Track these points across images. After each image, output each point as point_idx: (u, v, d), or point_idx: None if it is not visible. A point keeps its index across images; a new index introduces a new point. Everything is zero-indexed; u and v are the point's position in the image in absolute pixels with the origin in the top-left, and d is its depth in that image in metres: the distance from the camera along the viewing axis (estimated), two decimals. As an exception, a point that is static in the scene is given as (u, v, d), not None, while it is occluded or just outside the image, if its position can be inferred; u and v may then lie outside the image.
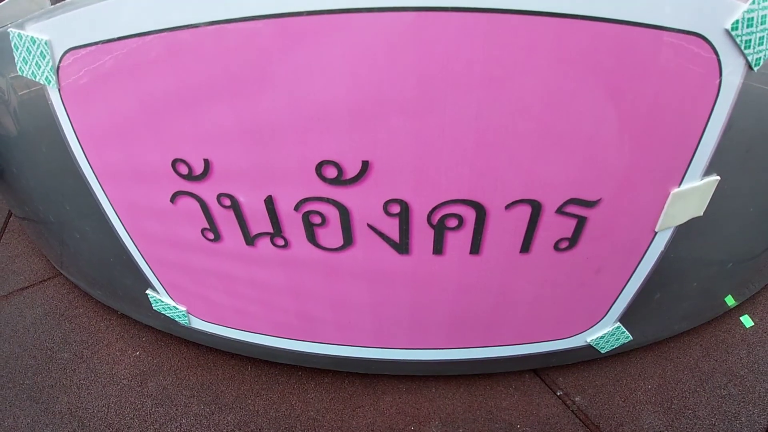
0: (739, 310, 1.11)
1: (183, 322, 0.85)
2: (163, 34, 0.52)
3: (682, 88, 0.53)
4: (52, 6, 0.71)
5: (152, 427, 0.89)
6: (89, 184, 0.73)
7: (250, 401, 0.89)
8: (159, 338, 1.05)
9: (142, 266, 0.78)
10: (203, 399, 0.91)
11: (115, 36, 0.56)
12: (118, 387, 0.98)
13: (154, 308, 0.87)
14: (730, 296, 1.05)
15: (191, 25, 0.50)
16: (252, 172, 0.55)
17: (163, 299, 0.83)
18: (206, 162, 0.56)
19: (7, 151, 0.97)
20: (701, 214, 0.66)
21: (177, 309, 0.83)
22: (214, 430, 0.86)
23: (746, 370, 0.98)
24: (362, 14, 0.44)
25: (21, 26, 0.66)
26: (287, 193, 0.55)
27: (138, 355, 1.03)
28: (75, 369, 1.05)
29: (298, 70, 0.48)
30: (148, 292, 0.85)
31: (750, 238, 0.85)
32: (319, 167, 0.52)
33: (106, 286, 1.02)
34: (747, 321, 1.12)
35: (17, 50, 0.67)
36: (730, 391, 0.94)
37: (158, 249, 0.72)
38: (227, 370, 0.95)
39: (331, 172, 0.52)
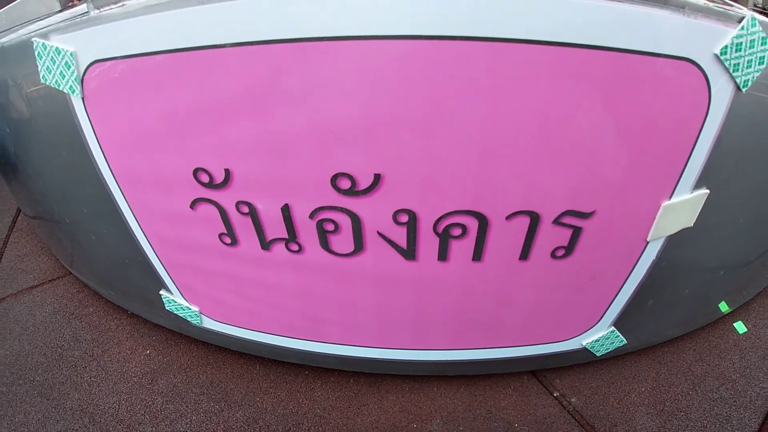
0: (732, 316, 1.17)
1: (195, 322, 0.90)
2: (189, 52, 0.57)
3: (672, 109, 0.58)
4: (78, 19, 0.74)
5: (163, 423, 0.94)
6: (109, 189, 0.77)
7: (258, 399, 0.94)
8: (169, 337, 1.10)
9: (157, 268, 0.83)
10: (213, 396, 0.96)
11: (142, 51, 0.61)
12: (129, 384, 1.03)
13: (166, 308, 0.92)
14: (723, 302, 1.11)
15: (217, 45, 0.55)
16: (271, 182, 0.60)
17: (176, 300, 0.88)
18: (227, 171, 0.61)
19: (24, 153, 1.01)
20: (692, 224, 0.71)
21: (190, 309, 0.87)
22: (224, 426, 0.91)
23: (738, 375, 1.03)
24: (377, 41, 0.49)
25: (45, 36, 0.70)
26: (303, 202, 0.60)
27: (148, 354, 1.08)
28: (86, 366, 1.10)
29: (317, 90, 0.53)
30: (161, 292, 0.89)
31: (740, 247, 0.90)
32: (334, 179, 0.57)
33: (119, 286, 1.07)
34: (740, 327, 1.17)
35: (41, 59, 0.71)
36: (722, 394, 1.00)
37: (175, 252, 0.77)
38: (236, 368, 1.00)
39: (345, 184, 0.58)
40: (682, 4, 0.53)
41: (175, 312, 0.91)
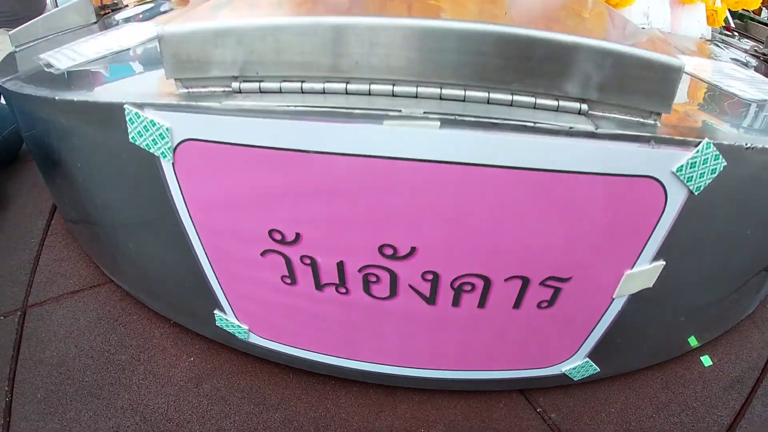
0: (700, 350, 1.49)
1: (242, 337, 1.20)
2: (280, 151, 0.83)
3: (634, 210, 0.86)
4: (175, 98, 0.87)
5: (209, 423, 1.22)
6: (186, 232, 1.03)
7: (292, 403, 1.26)
8: (211, 346, 1.39)
9: (217, 293, 1.12)
10: (253, 400, 1.26)
11: (237, 142, 0.84)
12: (176, 387, 1.30)
13: (216, 324, 1.21)
14: (693, 337, 1.43)
15: (302, 150, 0.82)
16: (332, 246, 0.90)
17: (228, 319, 1.17)
18: (297, 234, 0.90)
19: (94, 186, 1.26)
20: (651, 285, 1.01)
21: (240, 327, 1.17)
22: (263, 426, 1.21)
23: (699, 403, 1.35)
24: (423, 163, 0.77)
25: (139, 107, 0.85)
26: (355, 260, 0.91)
27: (192, 361, 1.37)
28: (133, 370, 1.36)
29: (377, 191, 0.82)
30: (215, 312, 1.18)
31: (696, 300, 1.21)
32: (381, 247, 0.88)
33: (169, 301, 1.36)
34: (706, 360, 1.49)
35: (132, 124, 0.87)
36: (682, 419, 1.31)
37: (238, 284, 1.07)
38: (272, 376, 1.31)
39: (388, 251, 0.88)
40: (648, 139, 0.77)
41: (225, 328, 1.21)
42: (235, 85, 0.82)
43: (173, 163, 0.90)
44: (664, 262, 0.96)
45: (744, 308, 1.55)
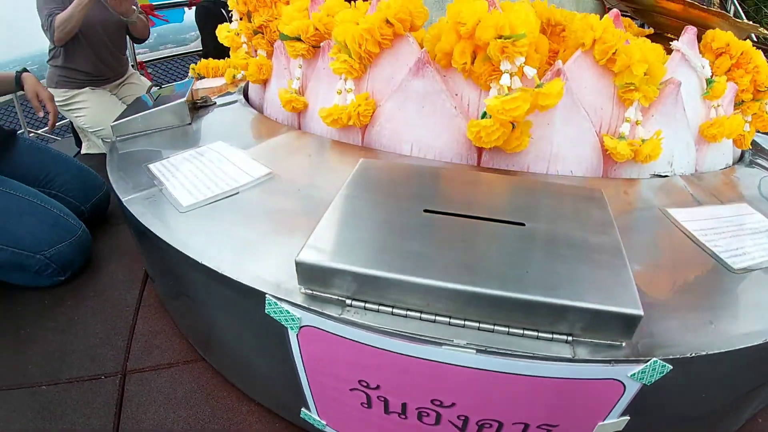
0: None
1: (320, 427, 2.05)
2: (373, 347, 1.61)
3: (600, 393, 1.62)
4: (302, 296, 1.75)
5: (291, 487, 2.10)
6: (295, 364, 1.83)
7: (353, 476, 2.12)
8: (288, 426, 2.20)
9: (308, 399, 1.95)
10: (323, 471, 2.14)
11: (345, 336, 1.55)
12: None
13: (300, 416, 2.08)
14: None
15: (390, 351, 1.60)
16: (400, 394, 1.67)
17: (312, 415, 2.03)
18: (378, 385, 1.70)
19: (212, 310, 2.11)
20: (621, 429, 1.81)
21: (320, 421, 2.03)
22: (332, 490, 2.09)
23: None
24: (464, 368, 1.57)
25: (278, 299, 1.49)
26: (414, 404, 1.66)
27: None
28: None
29: (434, 375, 1.60)
30: (302, 408, 2.05)
31: (672, 427, 1.99)
32: (432, 400, 1.63)
33: (259, 389, 2.20)
34: None
35: (269, 306, 1.44)
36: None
37: (328, 399, 1.88)
38: None
39: (437, 402, 1.64)
40: (609, 360, 1.50)
41: (306, 419, 2.08)
42: (347, 301, 1.62)
43: (297, 334, 1.74)
44: (628, 417, 1.76)
45: (733, 423, 2.33)
